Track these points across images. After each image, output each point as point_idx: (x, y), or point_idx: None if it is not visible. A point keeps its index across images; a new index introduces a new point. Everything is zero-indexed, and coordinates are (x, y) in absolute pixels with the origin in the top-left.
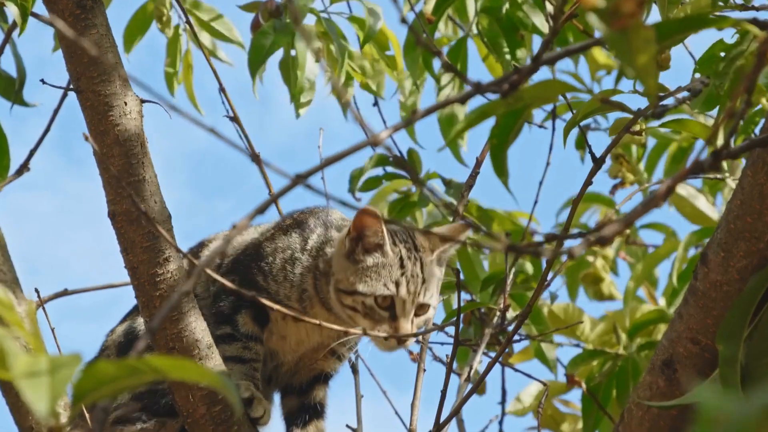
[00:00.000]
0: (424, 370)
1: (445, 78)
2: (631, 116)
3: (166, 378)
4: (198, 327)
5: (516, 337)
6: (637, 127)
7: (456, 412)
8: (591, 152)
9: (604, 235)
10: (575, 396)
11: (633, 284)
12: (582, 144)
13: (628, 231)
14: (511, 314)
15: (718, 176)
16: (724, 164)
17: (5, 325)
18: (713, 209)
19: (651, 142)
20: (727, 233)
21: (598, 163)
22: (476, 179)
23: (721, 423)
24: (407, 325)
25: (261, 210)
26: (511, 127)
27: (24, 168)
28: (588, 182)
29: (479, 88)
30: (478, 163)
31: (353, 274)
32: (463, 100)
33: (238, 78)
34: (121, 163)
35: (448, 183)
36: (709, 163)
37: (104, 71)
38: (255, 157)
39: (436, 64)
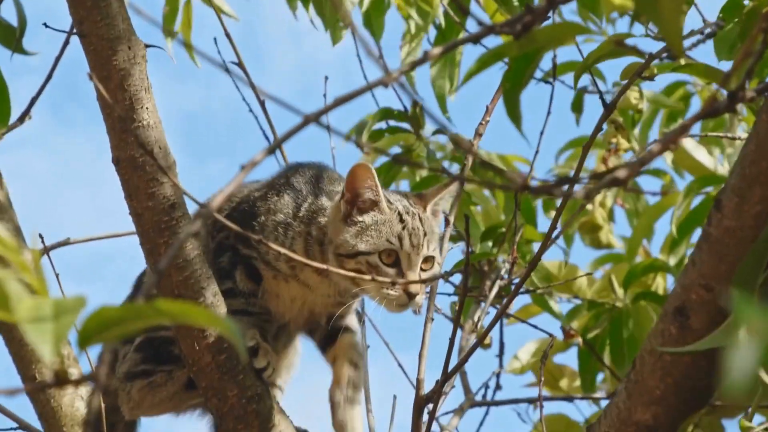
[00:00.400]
0: (432, 320)
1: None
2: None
3: (173, 322)
4: (204, 275)
5: (521, 290)
6: (647, 73)
7: (464, 362)
8: (602, 98)
9: (620, 176)
10: (572, 356)
11: (635, 238)
12: (578, 107)
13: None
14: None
15: (731, 135)
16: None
17: (9, 268)
18: (713, 161)
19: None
20: (741, 178)
21: (609, 108)
22: (486, 128)
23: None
24: (414, 277)
25: (271, 150)
26: (523, 70)
27: (26, 115)
28: (599, 128)
29: (492, 29)
30: (488, 111)
31: (353, 237)
32: (475, 39)
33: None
34: (125, 108)
35: (453, 139)
36: (725, 104)
37: (108, 15)
38: (261, 104)
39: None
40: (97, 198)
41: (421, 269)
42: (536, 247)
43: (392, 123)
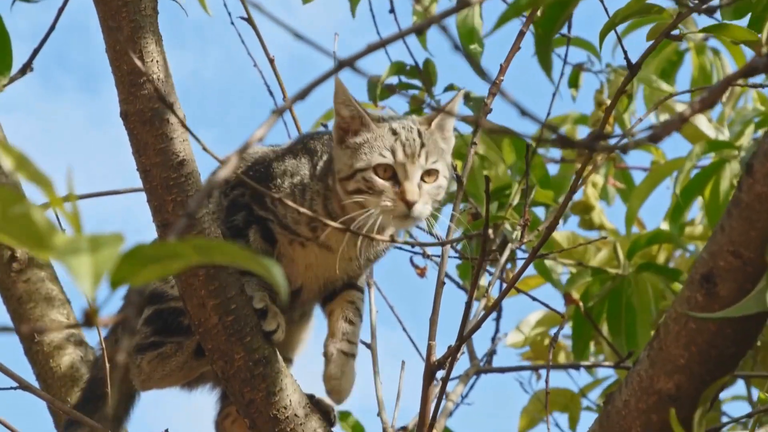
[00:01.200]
0: (443, 283)
1: None
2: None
3: (209, 261)
4: (212, 234)
5: (522, 257)
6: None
7: (476, 327)
8: (626, 58)
9: (657, 132)
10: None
11: (634, 204)
12: (575, 82)
13: (613, 154)
14: (510, 230)
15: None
16: None
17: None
18: (713, 128)
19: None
20: None
21: (633, 70)
22: (500, 87)
23: None
24: (413, 187)
25: (301, 96)
26: (557, 17)
27: (27, 67)
28: (622, 90)
29: None
30: (502, 70)
31: (349, 158)
32: None
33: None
34: (134, 62)
35: (466, 96)
36: (764, 63)
37: None
38: (270, 61)
39: None
40: (84, 166)
41: (424, 182)
42: (538, 212)
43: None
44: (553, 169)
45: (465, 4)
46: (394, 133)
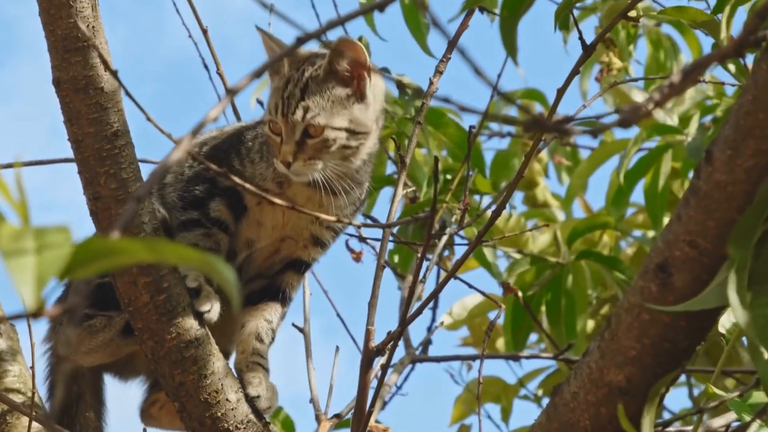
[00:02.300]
0: (383, 267)
1: None
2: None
3: (159, 260)
4: (145, 208)
5: (460, 242)
6: (633, 14)
7: (417, 314)
8: (581, 38)
9: (628, 117)
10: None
11: (574, 186)
12: (566, 24)
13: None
14: (449, 215)
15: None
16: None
17: None
18: (661, 113)
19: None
20: (735, 130)
21: (588, 50)
22: (446, 65)
23: None
24: (286, 147)
25: (258, 74)
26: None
27: None
28: (575, 71)
29: None
30: (450, 46)
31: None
32: None
33: None
34: (69, 26)
35: (400, 84)
36: (734, 49)
37: None
38: (203, 32)
39: None
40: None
41: (309, 136)
42: (477, 198)
43: None
44: (500, 144)
45: None
46: (286, 83)
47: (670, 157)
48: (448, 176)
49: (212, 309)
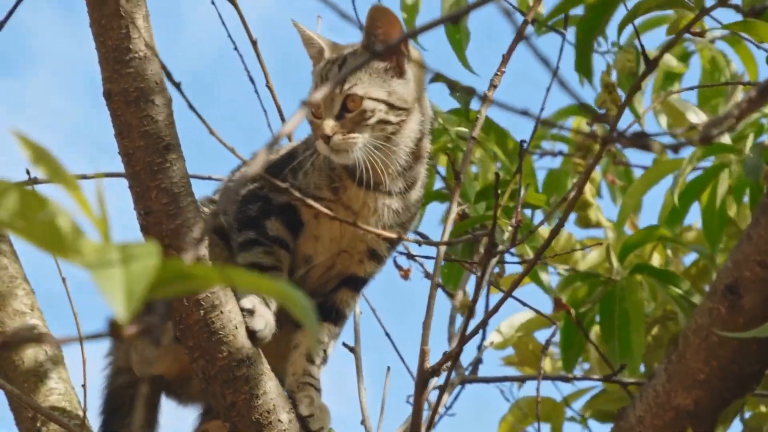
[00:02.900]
0: (438, 286)
1: None
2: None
3: (232, 285)
4: (197, 225)
5: (511, 260)
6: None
7: (474, 334)
8: (644, 54)
9: (708, 133)
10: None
11: (627, 205)
12: (582, 67)
13: (613, 148)
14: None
15: None
16: None
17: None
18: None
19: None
20: None
21: (650, 66)
22: (501, 79)
23: None
24: (326, 122)
25: (339, 82)
26: (599, 19)
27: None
28: (637, 86)
29: None
30: (504, 60)
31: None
32: None
33: None
34: (121, 37)
35: (452, 86)
36: None
37: None
38: (253, 44)
39: None
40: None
41: (348, 111)
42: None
43: None
44: (552, 163)
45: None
46: (325, 64)
47: (726, 177)
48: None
49: (266, 327)
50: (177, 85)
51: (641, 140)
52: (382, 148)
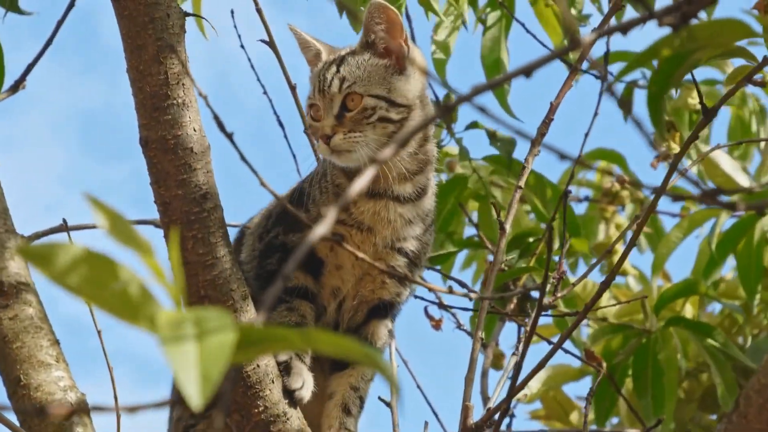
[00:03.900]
0: (481, 340)
1: (492, 17)
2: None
3: (312, 348)
4: (234, 275)
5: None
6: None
7: (520, 388)
8: (702, 103)
9: None
10: (584, 385)
11: (661, 255)
12: (656, 120)
13: (642, 196)
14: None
15: None
16: None
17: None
18: (747, 178)
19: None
20: None
21: (709, 116)
22: (549, 127)
23: None
24: (325, 122)
25: (403, 144)
26: (672, 72)
27: (20, 84)
28: (694, 137)
29: (652, 15)
30: (552, 108)
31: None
32: (624, 29)
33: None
34: (159, 83)
35: (492, 135)
36: None
37: None
38: (292, 89)
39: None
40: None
41: (348, 110)
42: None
43: None
44: (578, 209)
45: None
46: (323, 65)
47: (762, 225)
48: (530, 239)
49: (304, 385)
50: (229, 136)
51: (723, 201)
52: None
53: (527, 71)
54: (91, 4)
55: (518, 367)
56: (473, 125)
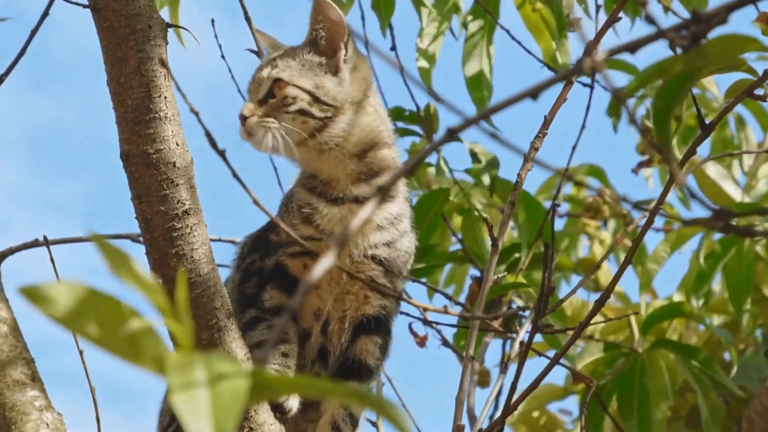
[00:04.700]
0: (472, 358)
1: (474, 25)
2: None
3: (324, 397)
4: (218, 293)
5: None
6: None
7: (514, 408)
8: (700, 117)
9: None
10: (569, 403)
11: (649, 271)
12: (615, 111)
13: (625, 211)
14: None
15: None
16: None
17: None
18: (738, 191)
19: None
20: None
21: (707, 131)
22: (543, 142)
23: None
24: (247, 104)
25: (411, 171)
26: (679, 89)
27: None
28: (692, 152)
29: (661, 34)
30: (546, 122)
31: None
32: (633, 48)
33: None
34: (141, 96)
35: (474, 155)
36: None
37: None
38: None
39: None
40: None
41: (272, 97)
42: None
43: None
44: (557, 224)
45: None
46: (266, 59)
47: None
48: (516, 255)
49: (289, 399)
50: (221, 153)
51: (739, 227)
52: (311, 146)
53: (534, 93)
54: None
55: (514, 386)
56: (453, 138)
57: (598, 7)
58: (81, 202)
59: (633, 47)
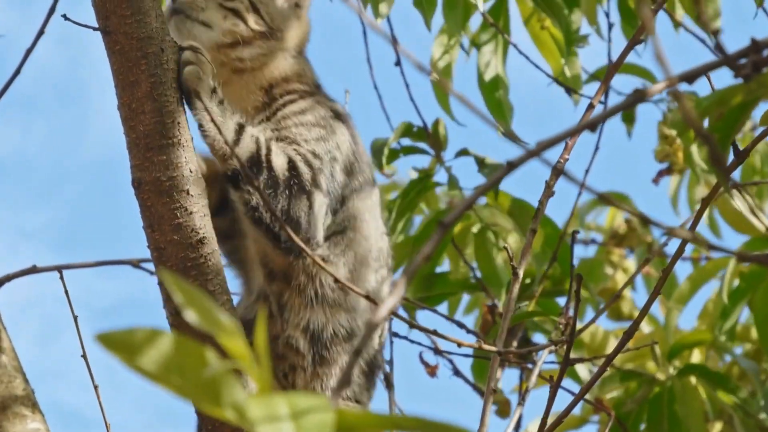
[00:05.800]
0: (494, 391)
1: (484, 36)
2: None
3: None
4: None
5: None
6: None
7: None
8: (734, 145)
9: None
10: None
11: (675, 308)
12: (629, 117)
13: (650, 239)
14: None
15: None
16: None
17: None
18: (762, 222)
19: None
20: None
21: (741, 157)
22: (566, 163)
23: None
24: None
25: (468, 206)
26: (737, 120)
27: None
28: (727, 180)
29: (727, 62)
30: (568, 147)
31: None
32: (691, 78)
33: None
34: (153, 122)
35: (481, 162)
36: None
37: (139, 10)
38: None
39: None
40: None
41: None
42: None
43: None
44: (586, 252)
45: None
46: None
47: None
48: (527, 280)
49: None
50: (246, 176)
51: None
52: (227, 57)
53: (592, 125)
54: (3, 46)
55: (544, 420)
56: (463, 152)
57: (610, 26)
58: (45, 233)
59: (691, 77)
